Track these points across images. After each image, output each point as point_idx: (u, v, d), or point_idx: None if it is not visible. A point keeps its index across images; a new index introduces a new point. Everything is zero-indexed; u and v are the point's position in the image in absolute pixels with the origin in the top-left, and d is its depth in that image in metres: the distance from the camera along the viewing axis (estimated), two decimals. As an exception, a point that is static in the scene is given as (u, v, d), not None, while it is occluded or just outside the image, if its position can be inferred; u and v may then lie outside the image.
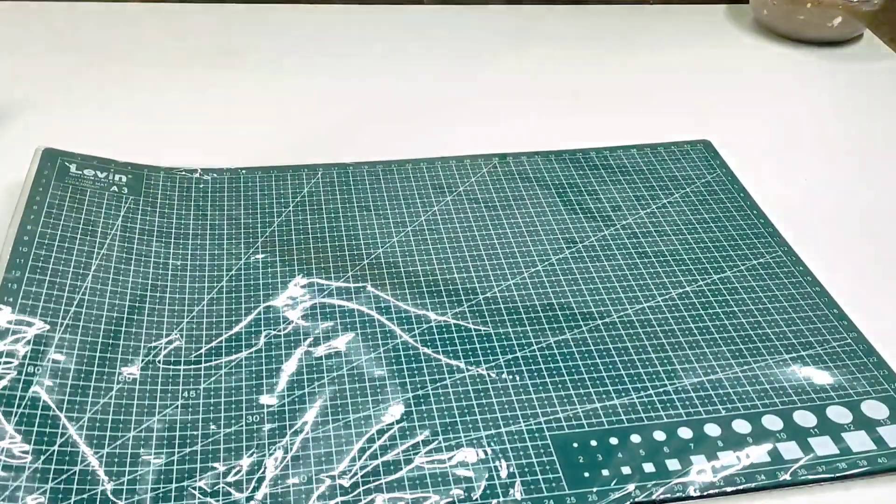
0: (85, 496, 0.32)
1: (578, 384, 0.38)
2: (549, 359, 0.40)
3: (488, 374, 0.39)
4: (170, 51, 0.63)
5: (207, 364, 0.38)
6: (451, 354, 0.40)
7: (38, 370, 0.36)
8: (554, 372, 0.39)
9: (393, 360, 0.39)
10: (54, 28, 0.64)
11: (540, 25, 0.71)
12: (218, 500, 0.33)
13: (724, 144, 0.55)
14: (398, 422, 0.36)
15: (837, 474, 0.35)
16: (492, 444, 0.36)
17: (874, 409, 0.38)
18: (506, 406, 0.37)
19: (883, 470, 0.36)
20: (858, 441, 0.37)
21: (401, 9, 0.71)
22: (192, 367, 0.38)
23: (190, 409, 0.36)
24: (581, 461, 0.35)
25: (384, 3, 0.71)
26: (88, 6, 0.67)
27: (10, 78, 0.57)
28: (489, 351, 0.40)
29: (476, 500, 0.34)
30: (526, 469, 0.35)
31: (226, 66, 0.61)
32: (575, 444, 0.36)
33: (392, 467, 0.35)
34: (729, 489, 0.35)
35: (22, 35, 0.63)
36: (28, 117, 0.54)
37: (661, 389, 0.38)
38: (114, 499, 0.33)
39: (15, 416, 0.34)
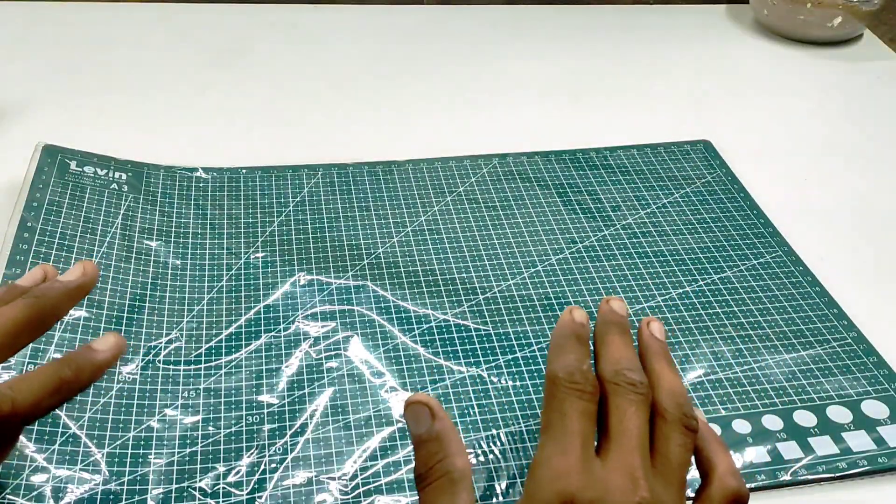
0: (85, 496, 0.32)
1: (578, 384, 0.38)
2: (550, 359, 0.40)
3: (488, 374, 0.39)
4: (170, 50, 0.63)
5: (207, 364, 0.38)
6: (451, 354, 0.39)
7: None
8: (554, 372, 0.39)
9: (393, 360, 0.39)
10: (54, 28, 0.64)
11: (540, 25, 0.71)
12: (218, 501, 0.33)
13: (724, 144, 0.55)
14: (398, 422, 0.36)
15: (838, 474, 0.35)
16: (492, 444, 0.36)
17: (874, 408, 0.38)
18: (506, 406, 0.37)
19: (883, 469, 0.36)
20: (858, 441, 0.37)
21: (401, 9, 0.71)
22: (192, 366, 0.38)
23: (190, 409, 0.36)
24: (581, 461, 0.35)
25: (384, 3, 0.71)
26: (88, 6, 0.67)
27: (11, 77, 0.57)
28: (489, 351, 0.40)
29: (476, 501, 0.33)
30: (526, 470, 0.35)
31: (226, 66, 0.61)
32: (575, 444, 0.36)
33: (392, 468, 0.35)
34: (729, 489, 0.34)
35: (22, 35, 0.63)
36: (28, 116, 0.54)
37: (661, 389, 0.38)
38: (114, 499, 0.33)
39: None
